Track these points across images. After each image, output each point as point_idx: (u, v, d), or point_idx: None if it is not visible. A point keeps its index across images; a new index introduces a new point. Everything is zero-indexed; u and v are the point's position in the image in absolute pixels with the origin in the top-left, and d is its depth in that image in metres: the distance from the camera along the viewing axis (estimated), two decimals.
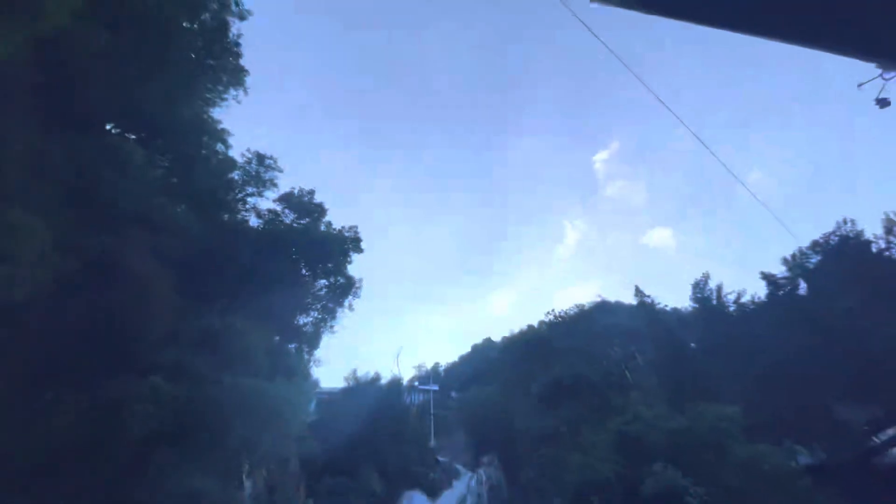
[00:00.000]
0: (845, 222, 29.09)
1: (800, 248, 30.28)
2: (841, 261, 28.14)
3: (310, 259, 32.14)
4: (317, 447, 32.19)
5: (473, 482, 34.45)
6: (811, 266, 30.17)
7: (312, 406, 37.85)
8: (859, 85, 11.32)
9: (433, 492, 34.24)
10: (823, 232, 29.85)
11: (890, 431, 26.53)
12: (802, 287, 30.52)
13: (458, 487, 35.07)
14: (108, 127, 21.72)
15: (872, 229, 28.21)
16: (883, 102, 10.90)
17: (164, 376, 21.97)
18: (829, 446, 27.23)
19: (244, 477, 24.65)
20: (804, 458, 26.76)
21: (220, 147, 26.83)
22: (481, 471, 35.53)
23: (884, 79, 10.92)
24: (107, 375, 22.87)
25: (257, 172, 30.28)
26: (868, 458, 26.17)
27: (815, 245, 29.91)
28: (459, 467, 40.32)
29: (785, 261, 31.67)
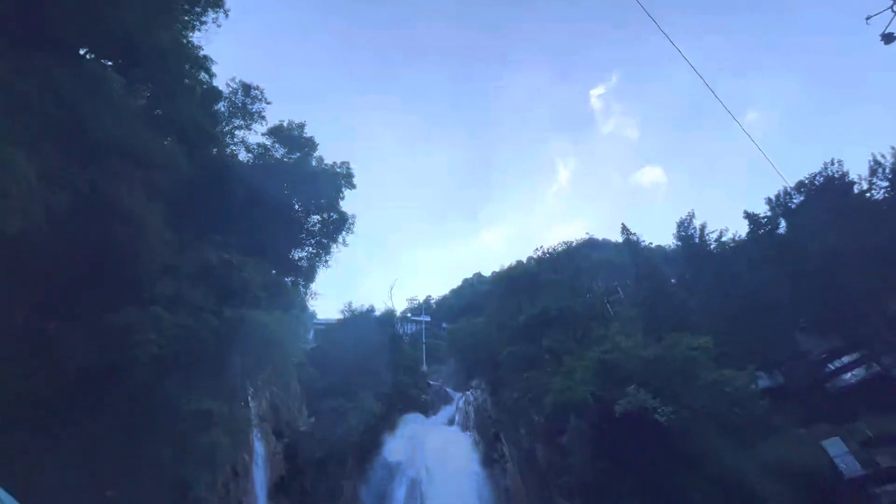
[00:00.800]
0: (833, 163, 29.38)
1: (785, 187, 30.79)
2: (823, 201, 28.80)
3: (302, 195, 31.97)
4: (316, 373, 34.26)
5: (462, 403, 37.38)
6: (793, 206, 30.87)
7: (310, 335, 39.65)
8: (868, 18, 11.04)
9: (426, 411, 37.18)
10: (810, 172, 30.22)
11: (845, 359, 28.90)
12: (783, 226, 31.44)
13: (449, 408, 38.07)
14: (81, 52, 20.47)
15: (862, 170, 28.61)
16: (888, 38, 10.73)
17: (165, 307, 22.74)
18: (789, 372, 29.71)
19: (249, 398, 26.49)
20: (764, 382, 29.30)
21: (203, 76, 25.55)
22: (469, 393, 38.38)
23: (894, 11, 10.63)
24: (109, 307, 23.57)
25: (243, 104, 29.13)
26: (822, 383, 28.75)
27: (799, 185, 30.39)
28: (450, 390, 43.40)
29: (768, 200, 32.31)
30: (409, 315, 70.73)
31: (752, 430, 26.50)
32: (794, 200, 30.92)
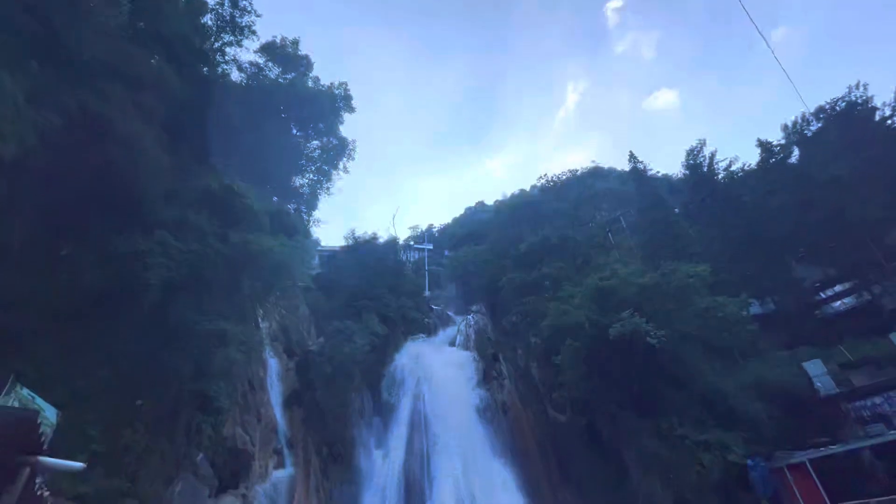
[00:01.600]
0: (857, 87, 27.78)
1: (803, 113, 29.44)
2: (841, 128, 27.71)
3: (299, 118, 30.88)
4: (322, 297, 35.51)
5: (463, 326, 39.15)
6: (810, 133, 29.75)
7: (315, 261, 40.49)
8: None
9: (428, 333, 39.06)
10: (832, 97, 28.73)
11: (837, 288, 29.61)
12: (795, 155, 30.56)
13: (450, 330, 39.94)
14: None
15: (887, 97, 27.13)
16: None
17: (170, 232, 23.01)
18: (780, 300, 30.62)
19: (260, 320, 27.74)
20: (755, 309, 30.33)
21: None
22: (470, 317, 40.04)
23: None
24: (115, 232, 23.87)
25: (231, 17, 27.07)
26: (811, 310, 29.72)
27: (819, 111, 29.03)
28: (451, 314, 45.22)
29: (784, 127, 31.09)
30: (412, 243, 71.58)
31: (739, 352, 27.96)
32: (812, 127, 29.74)
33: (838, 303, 29.22)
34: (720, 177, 35.38)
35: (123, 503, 15.83)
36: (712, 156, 36.12)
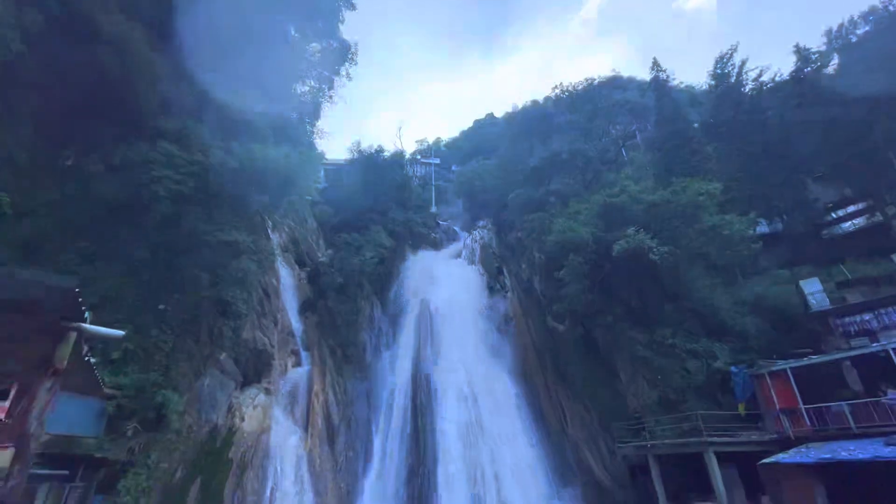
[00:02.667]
0: None
1: (851, 16, 26.54)
2: (888, 33, 25.11)
3: (296, 16, 28.48)
4: (330, 210, 35.77)
5: (469, 240, 39.76)
6: (854, 38, 27.08)
7: (321, 174, 40.12)
8: None
9: (435, 247, 39.85)
10: None
11: (850, 209, 29.14)
12: (833, 64, 28.15)
13: (457, 245, 40.68)
14: None
15: None
16: None
17: (173, 143, 22.65)
18: (790, 219, 30.36)
19: (270, 231, 28.32)
20: (762, 228, 30.25)
21: None
22: (476, 232, 40.51)
23: None
24: (118, 142, 23.53)
25: None
26: (819, 230, 29.57)
27: (870, 12, 26.10)
28: (457, 229, 45.69)
29: (828, 32, 28.24)
30: (418, 157, 70.01)
31: (740, 270, 28.47)
32: (858, 31, 26.96)
33: (848, 223, 28.96)
34: (748, 88, 33.09)
35: (159, 393, 17.61)
36: (742, 64, 33.46)
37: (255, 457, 19.22)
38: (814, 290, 21.63)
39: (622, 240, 23.17)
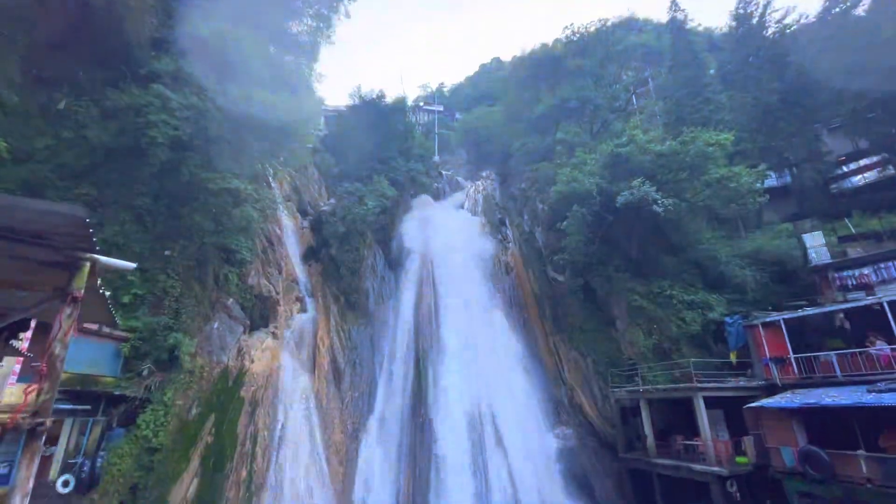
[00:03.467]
0: None
1: None
2: None
3: None
4: (331, 158, 35.19)
5: (472, 191, 39.37)
6: None
7: (321, 121, 39.09)
8: None
9: (437, 197, 39.57)
10: None
11: (863, 162, 28.44)
12: (865, 5, 26.35)
13: (459, 195, 40.32)
14: None
15: None
16: None
17: (167, 86, 21.92)
18: (800, 172, 29.75)
19: (271, 179, 28.05)
20: (771, 182, 29.73)
21: None
22: (479, 182, 40.01)
23: None
24: (109, 84, 22.77)
25: None
26: (828, 184, 29.06)
27: None
28: (460, 179, 45.11)
29: None
30: (421, 104, 67.76)
31: (743, 223, 28.34)
32: None
33: (858, 177, 28.39)
34: (770, 31, 31.26)
35: (170, 335, 18.26)
36: (767, 4, 31.42)
37: (265, 395, 20.23)
38: (816, 243, 21.63)
39: (627, 191, 22.91)
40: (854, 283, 20.22)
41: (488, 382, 23.85)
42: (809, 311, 18.39)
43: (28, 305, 3.59)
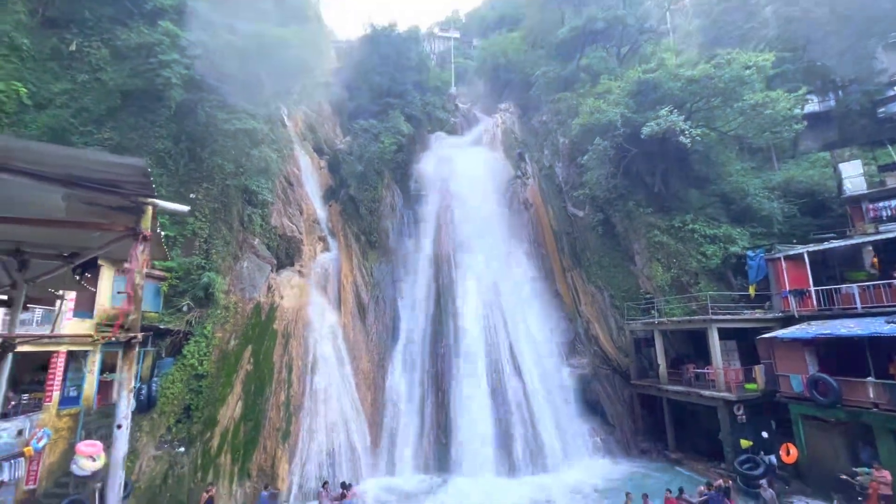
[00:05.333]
0: None
1: None
2: None
3: None
4: (344, 94, 34.26)
5: (491, 125, 38.05)
6: None
7: (332, 54, 37.57)
8: None
9: (455, 133, 38.54)
10: None
11: None
12: None
13: (477, 129, 39.09)
14: None
15: None
16: None
17: (173, 22, 21.33)
18: (845, 95, 27.55)
19: (286, 118, 27.76)
20: (812, 107, 27.72)
21: None
22: (498, 115, 38.49)
23: None
24: (117, 23, 22.31)
25: None
26: (875, 107, 26.90)
27: None
28: (478, 113, 43.50)
29: None
30: (435, 31, 63.77)
31: (777, 153, 26.93)
32: None
33: None
34: None
35: (204, 275, 19.34)
36: None
37: (296, 329, 21.61)
38: (852, 173, 20.59)
39: (653, 121, 21.84)
40: (889, 214, 19.46)
41: (506, 315, 24.72)
42: (836, 243, 17.98)
43: (101, 244, 4.25)
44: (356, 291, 25.28)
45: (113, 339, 3.53)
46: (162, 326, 17.95)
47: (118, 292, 16.10)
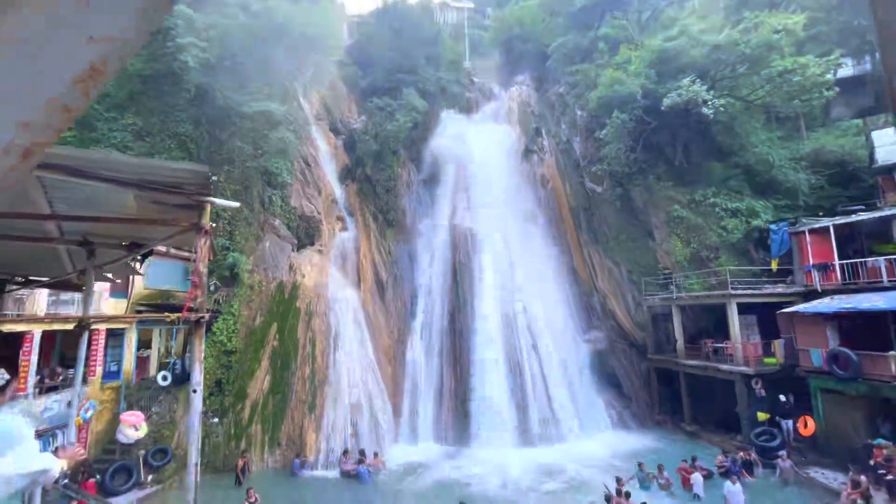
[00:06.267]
0: None
1: None
2: None
3: None
4: (358, 71, 34.01)
5: (506, 99, 37.34)
6: None
7: (344, 30, 37.15)
8: None
9: (469, 109, 38.01)
10: None
11: None
12: None
13: (493, 104, 38.42)
14: None
15: None
16: None
17: (187, 4, 21.40)
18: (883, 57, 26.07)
19: (301, 100, 27.85)
20: (845, 71, 26.35)
21: None
22: (514, 88, 37.72)
23: None
24: None
25: None
26: None
27: None
28: (493, 88, 42.66)
29: None
30: (448, 1, 61.97)
31: (806, 121, 25.87)
32: None
33: None
34: None
35: (229, 255, 20.00)
36: None
37: (318, 306, 22.30)
38: (886, 142, 19.73)
39: (674, 92, 21.22)
40: None
41: (523, 291, 24.94)
42: (864, 215, 17.47)
43: (164, 237, 4.99)
44: (375, 269, 25.78)
45: (182, 319, 4.11)
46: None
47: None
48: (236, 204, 5.11)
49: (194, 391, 3.95)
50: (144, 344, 19.43)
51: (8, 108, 0.69)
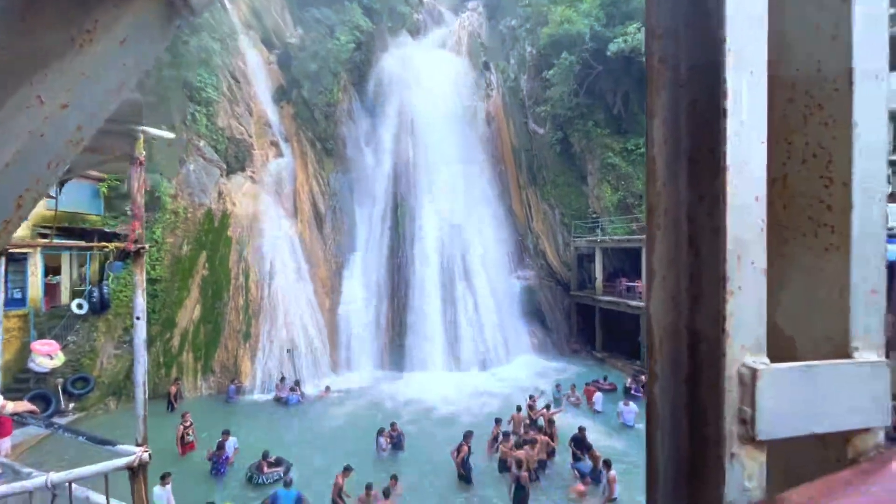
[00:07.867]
0: None
1: None
2: None
3: None
4: None
5: (456, 26, 35.32)
6: None
7: None
8: None
9: (417, 32, 35.64)
10: None
11: None
12: None
13: (442, 30, 36.29)
14: None
15: None
16: None
17: None
18: None
19: (226, 2, 24.50)
20: None
21: None
22: (465, 16, 35.66)
23: None
24: None
25: None
26: None
27: None
28: (444, 11, 40.05)
29: None
30: None
31: None
32: None
33: None
34: None
35: (149, 177, 18.26)
36: None
37: (251, 236, 21.46)
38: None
39: (620, 38, 21.40)
40: None
41: (461, 228, 25.61)
42: None
43: (97, 162, 5.01)
44: (312, 200, 24.95)
45: (121, 250, 4.14)
46: (108, 230, 17.30)
47: None
48: (171, 135, 4.88)
49: (138, 318, 4.19)
50: (53, 270, 17.84)
51: None
